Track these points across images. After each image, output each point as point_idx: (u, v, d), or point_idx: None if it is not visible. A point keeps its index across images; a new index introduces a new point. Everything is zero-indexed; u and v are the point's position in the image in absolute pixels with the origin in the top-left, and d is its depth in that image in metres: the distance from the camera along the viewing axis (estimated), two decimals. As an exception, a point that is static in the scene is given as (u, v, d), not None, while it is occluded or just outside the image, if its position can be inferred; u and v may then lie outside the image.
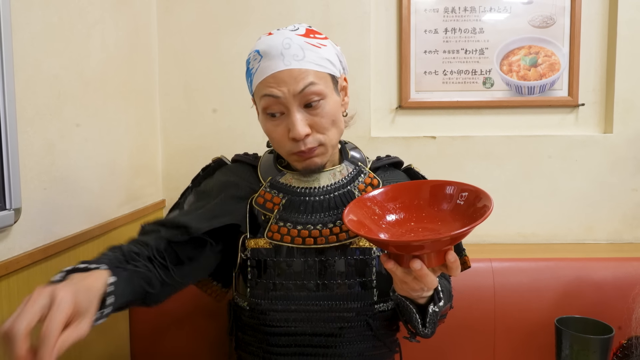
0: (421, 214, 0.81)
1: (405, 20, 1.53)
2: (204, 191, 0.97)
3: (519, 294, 1.24)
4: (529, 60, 1.55)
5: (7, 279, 0.81)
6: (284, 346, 0.89)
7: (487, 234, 1.55)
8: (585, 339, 1.02)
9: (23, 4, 0.84)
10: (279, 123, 0.83)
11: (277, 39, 0.81)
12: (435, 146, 1.53)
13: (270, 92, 0.80)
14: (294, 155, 0.86)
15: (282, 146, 0.85)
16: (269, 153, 0.99)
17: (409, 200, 0.83)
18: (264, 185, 0.93)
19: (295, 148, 0.83)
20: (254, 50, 0.85)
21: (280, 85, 0.80)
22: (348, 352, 0.89)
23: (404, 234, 0.79)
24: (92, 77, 1.09)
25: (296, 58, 0.80)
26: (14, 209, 0.80)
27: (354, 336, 0.89)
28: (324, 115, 0.82)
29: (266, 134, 0.88)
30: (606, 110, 1.56)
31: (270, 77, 0.80)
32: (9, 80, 0.78)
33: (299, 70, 0.80)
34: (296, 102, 0.81)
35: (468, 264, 1.06)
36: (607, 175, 1.53)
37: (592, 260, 1.29)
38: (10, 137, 0.78)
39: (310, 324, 0.88)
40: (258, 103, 0.86)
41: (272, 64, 0.80)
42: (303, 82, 0.79)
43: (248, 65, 0.87)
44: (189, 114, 1.53)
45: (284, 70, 0.80)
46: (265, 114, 0.85)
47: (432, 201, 0.81)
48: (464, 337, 1.24)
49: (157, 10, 1.50)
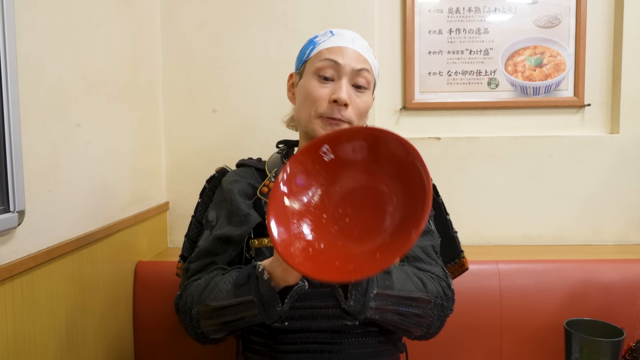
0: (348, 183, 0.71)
1: (409, 21, 1.52)
2: (219, 201, 0.98)
3: (525, 296, 1.22)
4: (534, 60, 1.54)
5: (11, 281, 0.80)
6: (291, 344, 0.89)
7: (492, 236, 1.54)
8: (596, 342, 1.01)
9: (27, 6, 0.84)
10: (325, 86, 0.89)
11: (349, 32, 0.94)
12: (440, 147, 1.52)
13: (334, 58, 0.88)
14: (321, 119, 0.88)
15: (318, 105, 0.88)
16: (277, 153, 1.02)
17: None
18: (269, 177, 0.96)
19: (329, 112, 0.88)
20: (325, 30, 0.95)
21: (344, 56, 0.89)
22: (353, 348, 0.89)
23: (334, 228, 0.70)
24: (95, 79, 1.08)
25: (362, 49, 0.92)
26: (17, 211, 0.79)
27: (360, 333, 0.89)
28: (362, 101, 0.90)
29: (304, 95, 0.90)
30: (612, 110, 1.54)
31: (337, 48, 0.89)
32: (13, 82, 0.78)
33: (362, 56, 0.91)
34: (348, 77, 0.89)
35: (466, 266, 1.05)
36: (613, 176, 1.52)
37: (599, 262, 1.28)
38: (14, 139, 0.78)
39: (315, 321, 0.88)
40: (310, 66, 0.91)
41: (342, 40, 0.91)
42: (363, 64, 0.90)
43: (314, 39, 0.94)
44: (192, 116, 1.53)
45: (351, 48, 0.90)
46: (316, 75, 0.89)
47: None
48: (470, 339, 1.23)
49: (161, 13, 1.50)
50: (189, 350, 1.25)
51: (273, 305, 0.75)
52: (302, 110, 0.91)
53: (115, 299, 1.18)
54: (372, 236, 0.69)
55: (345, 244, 0.69)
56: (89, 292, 1.05)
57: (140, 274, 1.28)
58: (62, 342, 0.95)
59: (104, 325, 1.12)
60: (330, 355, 0.89)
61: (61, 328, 0.95)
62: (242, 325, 0.81)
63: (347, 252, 0.68)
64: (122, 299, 1.22)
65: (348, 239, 0.70)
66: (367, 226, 0.70)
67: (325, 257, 0.69)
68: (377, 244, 0.68)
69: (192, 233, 1.06)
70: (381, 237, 0.68)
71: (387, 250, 0.66)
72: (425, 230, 0.95)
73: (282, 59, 1.48)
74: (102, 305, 1.11)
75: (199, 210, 1.06)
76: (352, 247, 0.69)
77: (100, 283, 1.10)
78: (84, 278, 1.03)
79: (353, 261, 0.67)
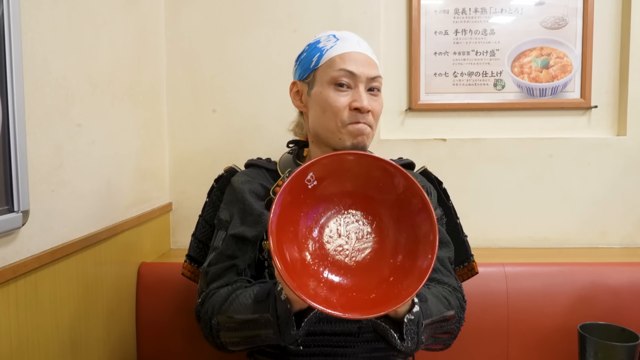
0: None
1: (415, 22, 1.51)
2: (230, 200, 0.97)
3: (532, 299, 1.21)
4: (540, 61, 1.53)
5: (15, 282, 0.79)
6: (303, 346, 0.88)
7: (498, 238, 1.52)
8: (611, 346, 1.00)
9: (32, 5, 0.84)
10: (344, 94, 0.88)
11: (350, 33, 0.94)
12: (445, 149, 1.51)
13: (349, 69, 0.88)
14: (348, 126, 0.88)
15: (339, 115, 0.88)
16: (288, 153, 1.02)
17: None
18: (282, 177, 0.95)
19: (353, 118, 0.88)
20: (325, 34, 0.94)
21: (358, 63, 0.88)
22: (365, 352, 0.89)
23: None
24: (100, 79, 1.08)
25: (368, 50, 0.92)
26: (22, 211, 0.79)
27: (371, 336, 0.89)
28: (379, 104, 0.92)
29: (322, 105, 0.90)
30: (619, 112, 1.53)
31: (350, 55, 0.89)
32: (18, 81, 0.77)
33: (372, 59, 0.91)
34: (364, 83, 0.89)
35: (475, 270, 1.05)
36: (620, 179, 1.50)
37: (606, 265, 1.27)
38: (19, 139, 0.78)
39: (329, 324, 0.87)
40: (324, 75, 0.90)
41: (350, 45, 0.90)
42: (375, 71, 0.90)
43: (317, 45, 0.93)
44: (196, 116, 1.52)
45: (362, 52, 0.90)
46: (333, 84, 0.89)
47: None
48: (476, 343, 1.22)
49: (166, 13, 1.50)
50: (193, 351, 1.24)
51: (288, 328, 0.74)
52: (325, 121, 0.90)
53: (118, 301, 1.17)
54: (380, 263, 0.72)
55: (354, 274, 0.72)
56: (93, 293, 1.04)
57: (143, 275, 1.27)
58: (65, 343, 0.94)
59: (107, 326, 1.11)
60: (342, 359, 0.88)
61: (64, 329, 0.94)
62: (259, 343, 0.80)
63: (359, 283, 0.70)
64: (125, 301, 1.21)
65: (358, 269, 0.72)
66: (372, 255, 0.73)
67: (341, 290, 0.70)
68: (389, 268, 0.71)
69: (199, 233, 1.05)
70: (391, 260, 0.71)
71: (403, 274, 0.68)
72: (443, 241, 0.95)
73: (286, 60, 1.47)
74: (106, 307, 1.10)
75: (207, 210, 1.05)
76: (363, 276, 0.71)
77: (104, 284, 1.10)
78: (87, 279, 1.02)
79: (373, 291, 0.69)
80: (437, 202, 1.01)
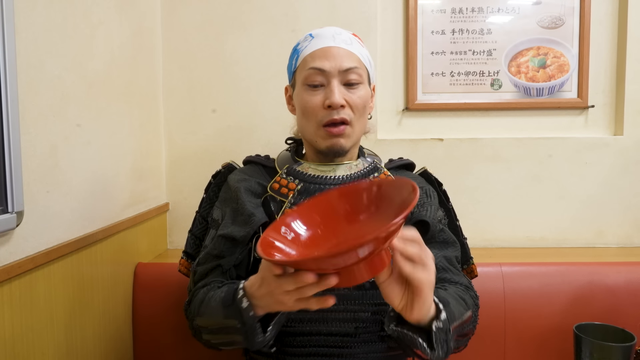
0: (343, 226, 0.71)
1: (412, 21, 1.51)
2: (225, 199, 0.97)
3: (529, 299, 1.21)
4: (537, 61, 1.53)
5: (9, 283, 0.79)
6: (299, 346, 0.88)
7: (495, 238, 1.52)
8: (607, 347, 1.00)
9: (27, 4, 0.83)
10: (317, 93, 0.87)
11: (329, 28, 0.91)
12: (442, 148, 1.51)
13: (317, 65, 0.86)
14: (323, 129, 0.87)
15: (315, 115, 0.87)
16: (286, 150, 1.02)
17: (326, 215, 0.72)
18: (280, 173, 0.95)
19: (328, 117, 0.87)
20: (305, 34, 0.92)
21: (328, 59, 0.86)
22: (363, 353, 0.88)
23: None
24: (95, 79, 1.07)
25: (345, 42, 0.89)
26: (16, 212, 0.78)
27: (369, 336, 0.88)
28: (358, 97, 0.88)
29: (300, 107, 0.90)
30: (616, 112, 1.53)
31: (319, 51, 0.87)
32: (12, 80, 0.77)
33: (347, 51, 0.88)
34: (338, 78, 0.87)
35: (475, 273, 1.04)
36: (617, 178, 1.51)
37: (603, 264, 1.27)
38: (13, 139, 0.77)
39: (325, 324, 0.87)
40: (299, 77, 0.89)
41: (323, 41, 0.88)
42: (349, 62, 0.87)
43: (296, 47, 0.93)
44: (193, 116, 1.52)
45: (334, 46, 0.87)
46: (305, 85, 0.88)
47: (353, 208, 0.71)
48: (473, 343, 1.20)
49: (162, 12, 1.49)
50: (189, 352, 1.24)
51: (254, 335, 0.73)
52: (304, 123, 0.91)
53: (114, 301, 1.16)
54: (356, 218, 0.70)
55: (332, 236, 0.71)
56: (88, 294, 1.04)
57: (139, 275, 1.26)
58: (61, 344, 0.94)
59: (103, 327, 1.11)
60: (339, 359, 0.87)
61: (60, 330, 0.93)
62: (239, 346, 0.79)
63: (340, 238, 0.70)
64: (122, 301, 1.21)
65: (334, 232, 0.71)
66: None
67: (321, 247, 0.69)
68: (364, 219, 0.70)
69: (196, 229, 1.05)
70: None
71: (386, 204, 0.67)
72: (449, 240, 0.95)
73: (283, 60, 1.46)
74: (102, 308, 1.10)
75: (204, 205, 1.05)
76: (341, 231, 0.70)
77: (100, 285, 1.09)
78: (83, 280, 1.01)
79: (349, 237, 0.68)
80: (437, 204, 1.01)
